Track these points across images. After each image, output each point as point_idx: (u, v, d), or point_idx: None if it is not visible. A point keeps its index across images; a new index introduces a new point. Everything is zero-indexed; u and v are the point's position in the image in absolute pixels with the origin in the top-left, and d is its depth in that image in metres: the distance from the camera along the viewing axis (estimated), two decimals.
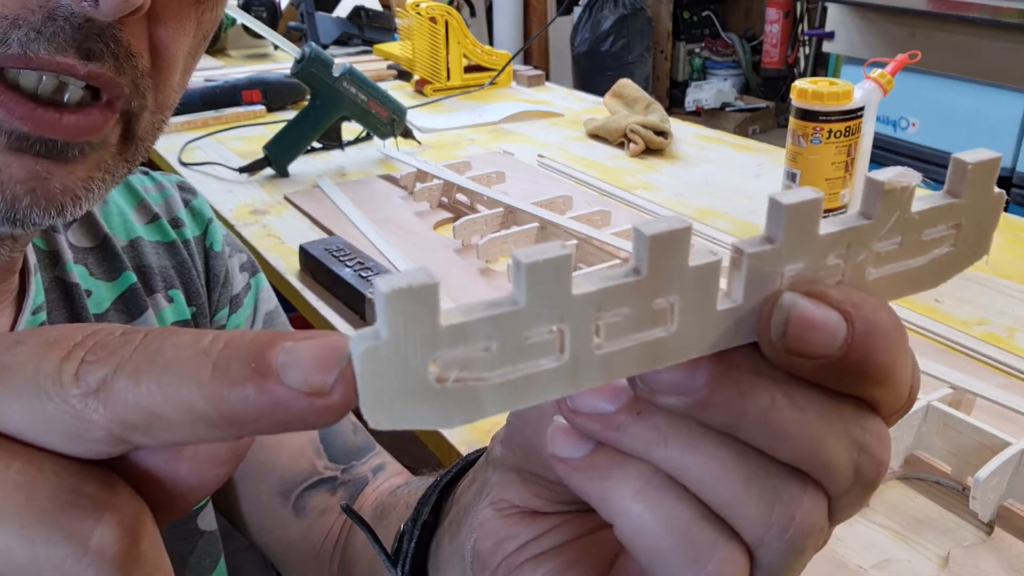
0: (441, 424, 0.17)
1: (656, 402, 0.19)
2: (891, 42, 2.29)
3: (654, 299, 0.17)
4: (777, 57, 4.35)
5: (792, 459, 0.18)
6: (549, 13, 4.36)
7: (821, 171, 0.89)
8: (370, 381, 0.16)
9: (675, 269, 0.17)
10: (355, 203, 1.05)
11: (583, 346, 0.17)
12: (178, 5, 0.36)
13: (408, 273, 0.16)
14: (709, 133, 1.40)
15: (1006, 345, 0.72)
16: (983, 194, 0.19)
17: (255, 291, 0.60)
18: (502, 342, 0.16)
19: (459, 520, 0.30)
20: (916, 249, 0.19)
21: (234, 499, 0.56)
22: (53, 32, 0.31)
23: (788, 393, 0.18)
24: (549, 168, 1.21)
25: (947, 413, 0.54)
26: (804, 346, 0.17)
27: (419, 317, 0.16)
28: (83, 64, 0.32)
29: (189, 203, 0.58)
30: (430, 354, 0.16)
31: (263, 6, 2.01)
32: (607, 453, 0.20)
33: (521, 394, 0.17)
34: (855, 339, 0.17)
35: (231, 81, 1.48)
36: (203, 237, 0.57)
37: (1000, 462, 0.50)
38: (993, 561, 0.49)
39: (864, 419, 0.19)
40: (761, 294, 0.18)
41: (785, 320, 0.17)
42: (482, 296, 0.80)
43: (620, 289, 0.17)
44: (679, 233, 0.17)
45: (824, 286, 0.18)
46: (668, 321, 0.17)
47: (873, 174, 0.18)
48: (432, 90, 1.63)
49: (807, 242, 0.18)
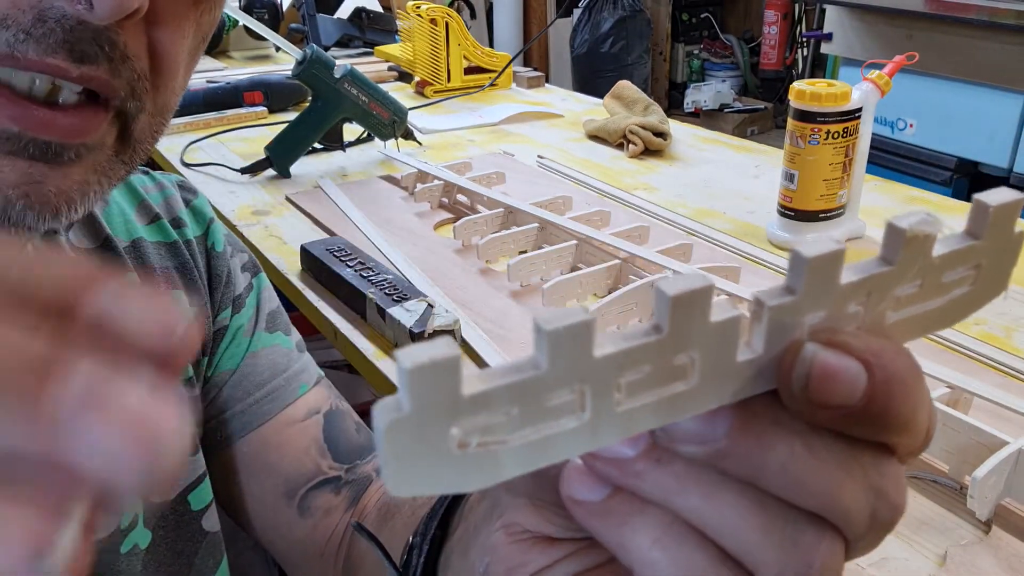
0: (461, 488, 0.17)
1: (675, 450, 0.18)
2: (889, 44, 2.30)
3: (675, 356, 0.17)
4: (775, 58, 4.36)
5: (810, 506, 0.18)
6: (549, 15, 4.36)
7: (819, 172, 0.89)
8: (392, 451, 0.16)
9: (696, 326, 0.17)
10: (356, 204, 1.05)
11: (604, 404, 0.17)
12: (177, 7, 0.35)
13: (430, 346, 0.16)
14: (708, 134, 1.40)
15: (1003, 345, 0.72)
16: (1005, 235, 0.19)
17: (257, 291, 0.61)
18: (524, 407, 0.16)
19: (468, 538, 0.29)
20: (935, 291, 0.19)
21: (239, 499, 0.57)
22: (43, 33, 0.30)
23: (807, 442, 0.18)
24: (549, 169, 1.21)
25: (945, 412, 0.55)
26: (825, 397, 0.17)
27: (441, 389, 0.16)
28: (75, 66, 0.31)
29: (190, 203, 0.58)
30: (452, 423, 0.16)
31: (265, 8, 2.02)
32: (625, 498, 0.19)
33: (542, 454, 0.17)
34: (875, 389, 0.17)
35: (233, 82, 1.48)
36: (205, 237, 0.57)
37: (998, 461, 0.50)
38: (991, 560, 0.49)
39: (882, 464, 0.19)
40: (781, 344, 0.18)
41: (807, 373, 0.17)
42: (482, 295, 0.81)
43: (641, 349, 0.16)
44: (700, 292, 0.16)
45: (844, 335, 0.18)
46: (688, 375, 0.17)
47: (895, 220, 0.18)
48: (433, 91, 1.63)
49: (828, 293, 0.18)
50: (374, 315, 0.75)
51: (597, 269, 0.80)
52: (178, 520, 0.51)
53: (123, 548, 0.46)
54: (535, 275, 0.84)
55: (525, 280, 0.83)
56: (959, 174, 2.22)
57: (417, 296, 0.75)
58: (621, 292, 0.74)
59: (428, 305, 0.73)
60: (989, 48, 2.07)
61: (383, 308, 0.73)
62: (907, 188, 1.14)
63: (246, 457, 0.56)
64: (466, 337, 0.73)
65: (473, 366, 0.70)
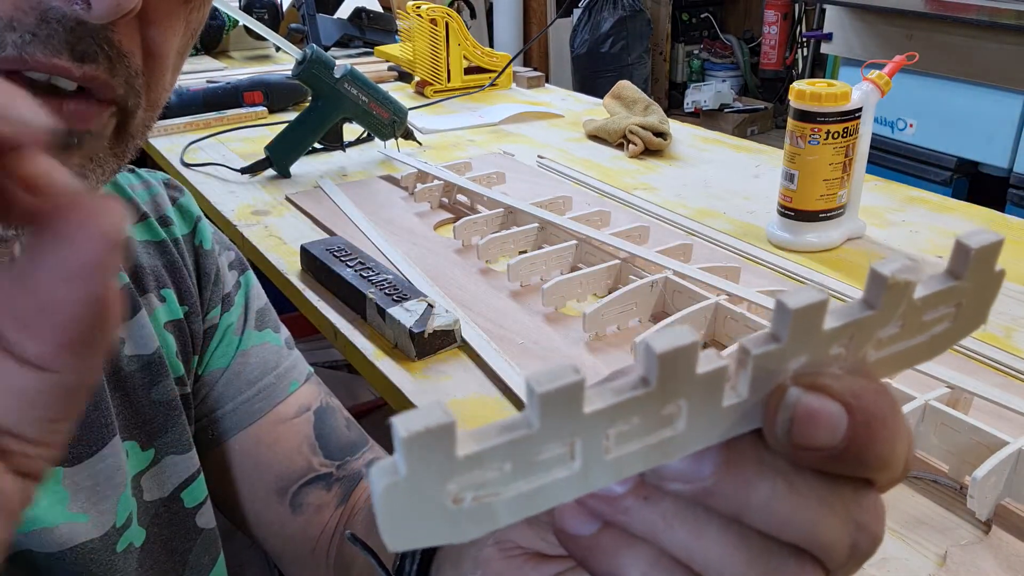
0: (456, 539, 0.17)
1: (663, 488, 0.19)
2: (889, 44, 2.30)
3: (663, 407, 0.18)
4: (775, 58, 4.36)
5: (793, 540, 0.19)
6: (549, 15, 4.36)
7: (819, 172, 0.89)
8: (389, 511, 0.16)
9: (683, 379, 0.17)
10: (356, 204, 1.05)
11: (594, 454, 0.17)
12: (168, 5, 0.36)
13: (425, 411, 0.16)
14: (708, 134, 1.40)
15: (1003, 345, 0.72)
16: (985, 275, 0.19)
17: (245, 289, 0.61)
18: (516, 462, 0.17)
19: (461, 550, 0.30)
20: (917, 330, 0.20)
21: (233, 497, 0.57)
22: (47, 34, 0.31)
23: (789, 480, 0.19)
24: (549, 169, 1.21)
25: (944, 412, 0.55)
26: (808, 440, 0.18)
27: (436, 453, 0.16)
28: (77, 66, 0.32)
29: (177, 200, 0.58)
30: (447, 482, 0.17)
31: (265, 8, 2.02)
32: (615, 533, 0.20)
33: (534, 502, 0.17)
34: (856, 431, 0.18)
35: (233, 82, 1.49)
36: (192, 235, 0.57)
37: (998, 461, 0.50)
38: (991, 560, 0.49)
39: (861, 498, 0.20)
40: (766, 387, 0.18)
41: (790, 417, 0.18)
42: (482, 295, 0.81)
43: (630, 403, 0.17)
44: (687, 348, 0.17)
45: (826, 377, 0.18)
46: (676, 422, 0.18)
47: (877, 266, 0.18)
48: (432, 91, 1.63)
49: (811, 339, 0.18)
50: (374, 315, 0.75)
51: (597, 269, 0.80)
52: (172, 518, 0.51)
53: (118, 547, 0.46)
54: (535, 275, 0.84)
55: (525, 280, 0.83)
56: (959, 174, 2.22)
57: (417, 296, 0.75)
58: (621, 292, 0.74)
59: (428, 305, 0.73)
60: (989, 48, 2.07)
61: (383, 308, 0.73)
62: (907, 188, 1.14)
63: (238, 455, 0.56)
64: (466, 337, 0.73)
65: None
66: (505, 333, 0.75)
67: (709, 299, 0.72)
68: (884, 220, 1.02)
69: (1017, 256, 0.91)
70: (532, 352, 0.72)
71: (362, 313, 0.77)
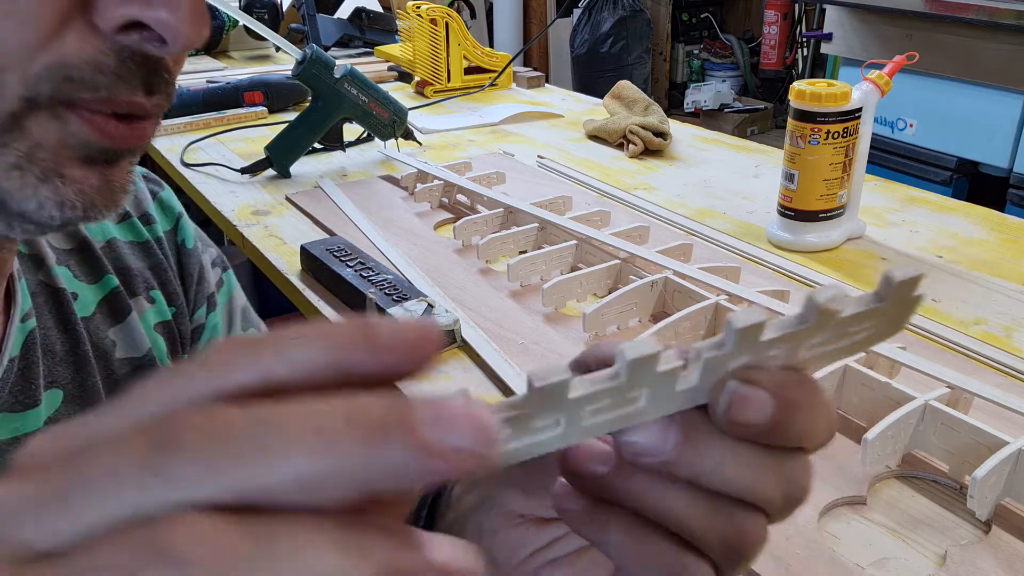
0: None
1: (636, 462, 0.24)
2: (889, 44, 2.30)
3: (629, 393, 0.22)
4: (775, 58, 4.36)
5: (739, 495, 0.25)
6: (549, 15, 4.36)
7: (819, 172, 0.89)
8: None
9: (648, 374, 0.22)
10: (356, 204, 1.05)
11: (573, 422, 0.22)
12: None
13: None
14: (708, 134, 1.40)
15: (1003, 345, 0.72)
16: (905, 300, 0.24)
17: (228, 288, 0.61)
18: (515, 428, 0.21)
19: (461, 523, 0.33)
20: (841, 337, 0.24)
21: None
22: (127, 72, 0.32)
23: (733, 450, 0.24)
24: (549, 169, 1.21)
25: (944, 412, 0.55)
26: (742, 417, 0.23)
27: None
28: (148, 99, 0.33)
29: (157, 195, 0.57)
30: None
31: (265, 8, 2.02)
32: (601, 505, 0.25)
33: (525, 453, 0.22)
34: (778, 412, 0.23)
35: (233, 82, 1.49)
36: (174, 233, 0.57)
37: (997, 461, 0.50)
38: (991, 560, 0.49)
39: (791, 460, 0.25)
40: (713, 378, 0.24)
41: (729, 401, 0.23)
42: (482, 295, 0.81)
43: (604, 391, 0.22)
44: (653, 355, 0.22)
45: (759, 371, 0.24)
46: (638, 401, 0.23)
47: (813, 294, 0.23)
48: (432, 91, 1.63)
49: (752, 347, 0.23)
50: (374, 315, 0.75)
51: (597, 269, 0.80)
52: None
53: None
54: (535, 275, 0.84)
55: (525, 280, 0.83)
56: (959, 174, 2.22)
57: (417, 296, 0.75)
58: (621, 292, 0.74)
59: (428, 305, 0.73)
60: (989, 48, 2.07)
61: (383, 308, 0.73)
62: (907, 188, 1.14)
63: None
64: (466, 337, 0.73)
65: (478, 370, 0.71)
66: (505, 333, 0.75)
67: (709, 299, 0.72)
68: (884, 220, 1.02)
69: (1017, 256, 0.91)
70: (532, 352, 0.72)
71: (362, 313, 0.77)
